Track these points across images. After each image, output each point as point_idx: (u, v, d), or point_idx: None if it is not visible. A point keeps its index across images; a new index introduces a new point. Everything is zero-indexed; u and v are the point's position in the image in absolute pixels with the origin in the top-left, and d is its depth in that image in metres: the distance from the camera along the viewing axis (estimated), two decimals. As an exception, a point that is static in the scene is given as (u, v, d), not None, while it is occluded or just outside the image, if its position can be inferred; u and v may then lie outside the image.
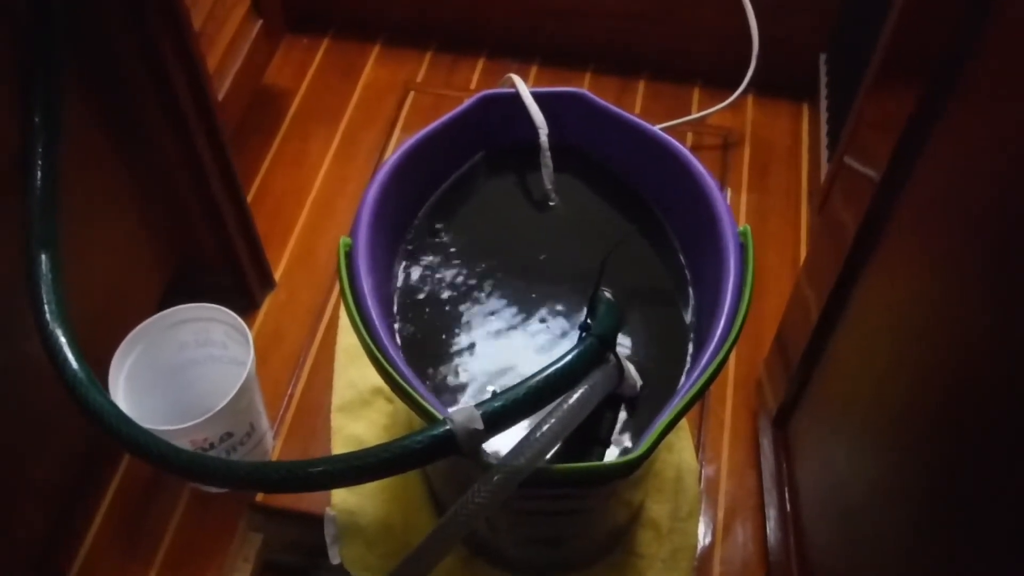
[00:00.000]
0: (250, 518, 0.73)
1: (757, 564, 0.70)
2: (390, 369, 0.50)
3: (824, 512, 0.60)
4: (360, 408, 0.76)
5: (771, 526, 0.69)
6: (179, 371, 0.70)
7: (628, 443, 0.54)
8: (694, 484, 0.72)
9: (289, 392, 0.79)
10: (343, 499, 0.70)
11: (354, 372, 0.78)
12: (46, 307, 0.53)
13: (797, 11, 0.95)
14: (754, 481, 0.73)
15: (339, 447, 0.74)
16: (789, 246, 0.89)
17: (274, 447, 0.75)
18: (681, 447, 0.73)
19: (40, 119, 0.55)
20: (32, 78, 0.55)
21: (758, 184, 0.94)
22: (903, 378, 0.48)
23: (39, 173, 0.55)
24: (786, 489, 0.66)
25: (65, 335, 0.52)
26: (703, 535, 0.71)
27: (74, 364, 0.52)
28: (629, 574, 0.66)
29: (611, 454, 0.53)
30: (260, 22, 0.88)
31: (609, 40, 1.03)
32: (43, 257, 0.54)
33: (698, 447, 0.75)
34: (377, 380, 0.76)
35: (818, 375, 0.63)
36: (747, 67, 0.94)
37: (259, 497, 0.72)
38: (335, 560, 0.69)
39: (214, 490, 0.73)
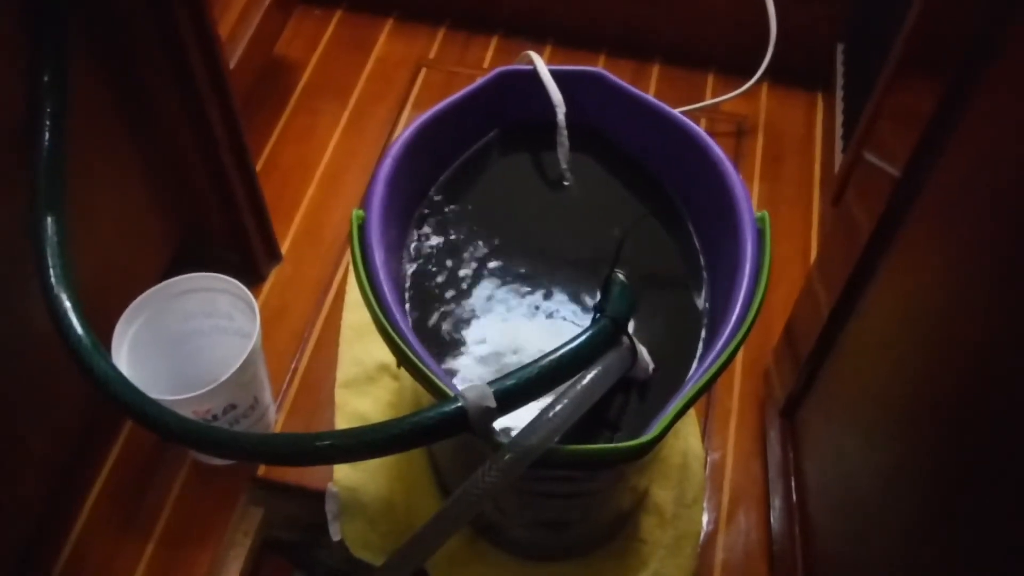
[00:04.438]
0: (252, 492, 0.73)
1: (760, 552, 0.69)
2: (401, 344, 0.49)
3: (829, 502, 0.60)
4: (365, 385, 0.75)
5: (775, 515, 0.69)
6: (183, 341, 0.70)
7: (638, 427, 0.53)
8: (699, 471, 0.71)
9: (293, 366, 0.78)
10: (346, 475, 0.69)
11: (359, 348, 0.77)
12: (51, 271, 0.52)
13: (815, 0, 0.94)
14: (759, 470, 0.73)
15: (343, 423, 0.74)
16: (800, 236, 0.89)
17: (277, 421, 0.75)
18: (687, 433, 0.73)
19: (48, 79, 0.54)
20: (40, 38, 0.54)
21: (770, 173, 0.94)
22: (915, 372, 0.47)
23: (47, 134, 0.54)
24: (791, 479, 0.66)
25: (70, 299, 0.52)
26: (707, 522, 0.71)
27: (79, 329, 0.51)
28: (632, 560, 0.66)
29: (621, 437, 0.52)
30: (273, -9, 0.87)
31: (624, 23, 1.02)
32: (49, 220, 0.53)
33: (704, 434, 0.75)
34: (383, 357, 0.76)
35: (827, 367, 0.63)
36: (763, 55, 0.93)
37: (261, 471, 0.72)
38: (336, 536, 0.69)
39: (216, 462, 0.73)
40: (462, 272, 0.59)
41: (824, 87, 1.00)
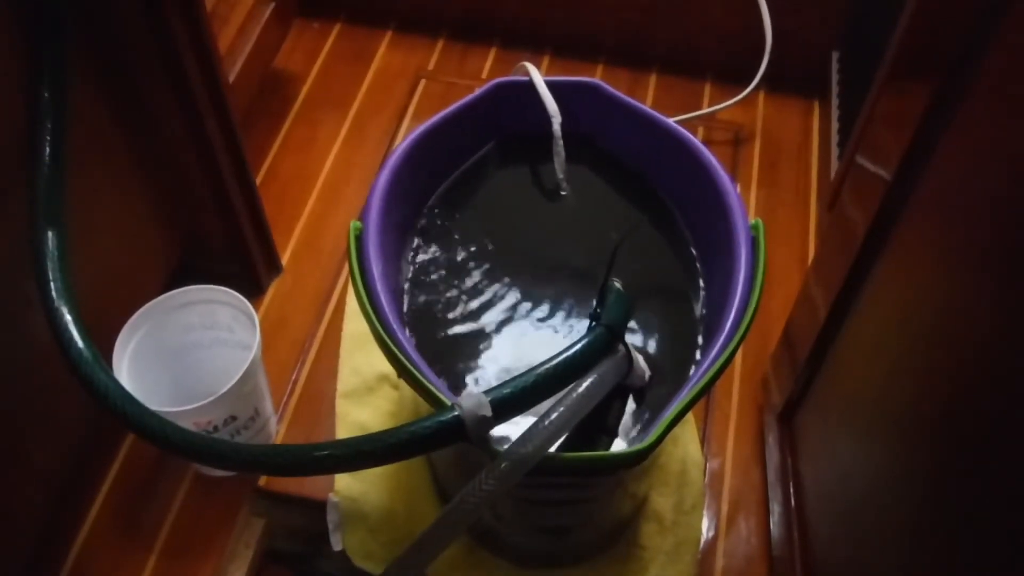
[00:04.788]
0: (253, 503, 0.73)
1: (760, 558, 0.69)
2: (399, 354, 0.50)
3: (828, 507, 0.60)
4: (365, 395, 0.76)
5: (775, 520, 0.69)
6: (184, 353, 0.70)
7: (635, 433, 0.53)
8: (699, 477, 0.72)
9: (294, 378, 0.78)
10: (347, 485, 0.70)
11: (359, 358, 0.78)
12: (52, 285, 0.53)
13: (810, 8, 0.94)
14: (758, 476, 0.73)
15: (343, 433, 0.74)
16: (797, 242, 0.89)
17: (278, 432, 0.75)
18: (686, 440, 0.73)
19: (49, 94, 0.55)
20: (40, 53, 0.54)
21: (768, 180, 0.94)
22: (910, 375, 0.48)
23: (47, 149, 0.54)
24: (790, 484, 0.66)
25: (71, 313, 0.52)
26: (707, 528, 0.71)
27: (79, 343, 0.52)
28: (632, 566, 0.66)
29: (618, 444, 0.53)
30: (272, 5, 0.88)
31: (621, 33, 1.03)
32: (50, 234, 0.54)
33: (703, 441, 0.75)
34: (382, 367, 0.76)
35: (824, 371, 0.63)
36: (759, 63, 0.94)
37: (262, 482, 0.72)
38: (337, 546, 0.69)
39: (218, 473, 0.73)
40: (460, 282, 0.60)
41: (820, 94, 1.00)
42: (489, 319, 0.58)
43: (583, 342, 0.50)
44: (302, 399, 0.77)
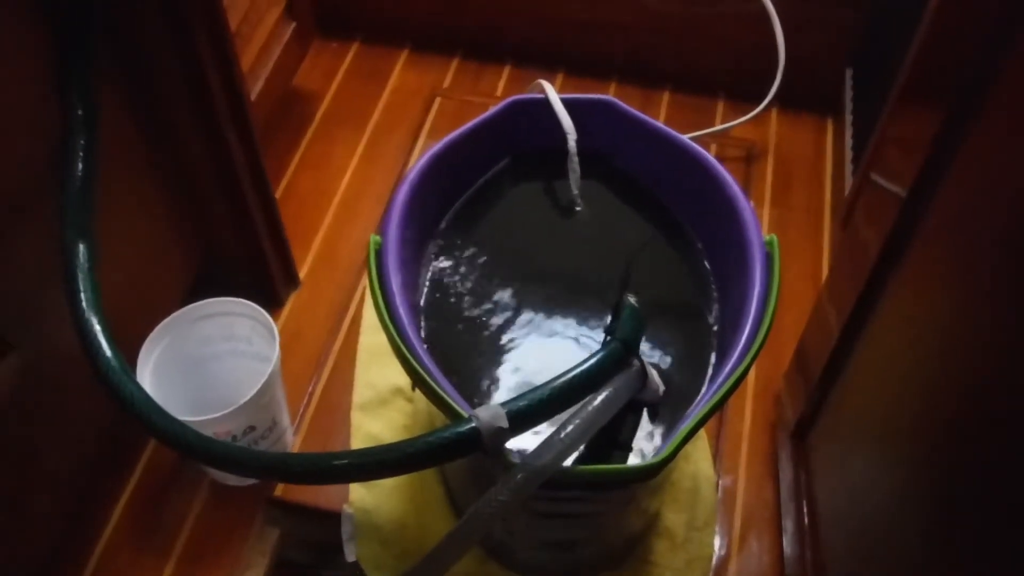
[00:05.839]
0: (268, 513, 0.74)
1: (772, 576, 0.69)
2: (416, 365, 0.51)
3: (840, 525, 0.60)
4: (379, 407, 0.76)
5: (787, 538, 0.69)
6: (203, 364, 0.71)
7: (649, 448, 0.54)
8: (711, 494, 0.72)
9: (310, 390, 0.79)
10: (361, 497, 0.70)
11: (374, 371, 0.78)
12: (82, 296, 0.54)
13: (824, 26, 0.95)
14: (771, 493, 0.73)
15: (357, 445, 0.75)
16: (810, 260, 0.89)
17: (294, 443, 0.76)
18: (698, 457, 0.73)
19: (82, 112, 0.56)
20: (72, 72, 0.56)
21: (781, 198, 0.95)
22: (921, 393, 0.48)
23: (80, 164, 0.56)
24: (803, 502, 0.66)
25: (100, 323, 0.53)
26: (719, 546, 0.71)
27: (107, 352, 0.53)
28: (644, 581, 0.66)
29: (632, 458, 0.53)
30: (293, 25, 0.90)
31: (633, 52, 1.04)
32: (80, 247, 0.55)
33: (715, 458, 0.75)
34: (397, 380, 0.77)
35: (837, 389, 0.63)
36: (771, 81, 0.95)
37: (278, 491, 0.73)
38: (351, 557, 0.69)
39: (233, 482, 0.74)
40: (475, 298, 0.61)
41: (834, 112, 1.01)
42: (504, 333, 0.59)
43: (597, 356, 0.51)
44: (318, 411, 0.78)
